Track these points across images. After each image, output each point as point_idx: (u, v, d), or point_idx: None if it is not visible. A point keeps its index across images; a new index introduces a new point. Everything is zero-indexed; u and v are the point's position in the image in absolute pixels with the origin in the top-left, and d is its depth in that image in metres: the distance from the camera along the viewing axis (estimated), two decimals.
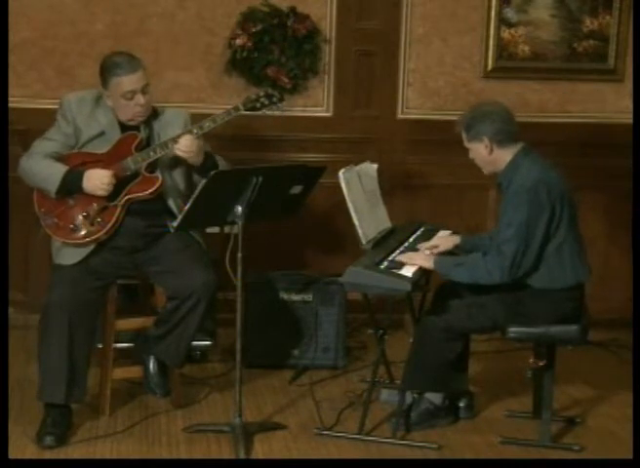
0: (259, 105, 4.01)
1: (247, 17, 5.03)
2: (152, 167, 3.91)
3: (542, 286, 3.78)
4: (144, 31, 5.00)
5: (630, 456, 3.47)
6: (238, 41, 5.01)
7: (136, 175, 3.88)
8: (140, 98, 3.85)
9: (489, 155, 3.81)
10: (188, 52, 5.04)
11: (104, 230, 3.84)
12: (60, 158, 3.87)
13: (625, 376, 4.36)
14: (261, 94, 4.03)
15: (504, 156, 3.81)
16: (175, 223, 3.74)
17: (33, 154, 3.89)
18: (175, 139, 3.85)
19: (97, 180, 3.80)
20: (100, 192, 3.82)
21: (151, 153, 3.87)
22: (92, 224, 3.84)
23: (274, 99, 4.02)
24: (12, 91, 4.58)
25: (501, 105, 3.89)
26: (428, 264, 3.83)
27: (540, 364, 3.85)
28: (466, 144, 3.87)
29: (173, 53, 5.02)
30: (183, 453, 3.73)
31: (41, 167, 3.83)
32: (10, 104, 4.31)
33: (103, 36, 4.99)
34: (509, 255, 3.68)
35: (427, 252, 3.99)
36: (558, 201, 3.73)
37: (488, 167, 3.88)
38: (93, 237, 3.84)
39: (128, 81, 3.83)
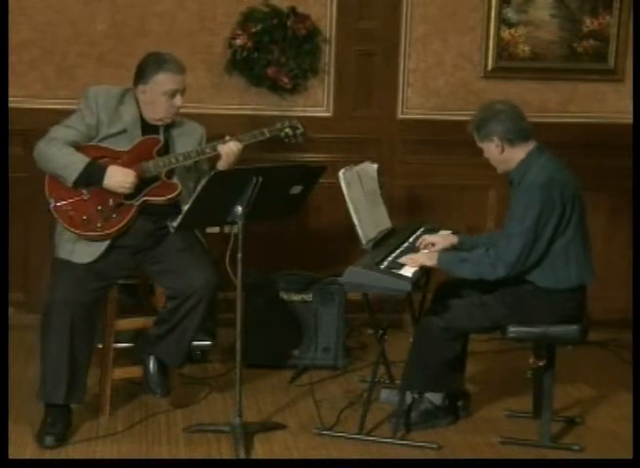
0: (282, 135, 4.12)
1: (247, 17, 5.04)
2: (170, 173, 3.93)
3: (546, 285, 3.77)
4: (145, 31, 5.00)
5: (630, 456, 3.47)
6: (238, 41, 5.01)
7: (154, 178, 3.89)
8: (179, 100, 3.90)
9: (500, 154, 3.81)
10: (188, 52, 5.03)
11: (117, 227, 3.84)
12: (78, 148, 3.85)
13: (625, 376, 4.36)
14: (286, 124, 4.11)
15: (517, 154, 3.80)
16: (175, 223, 3.74)
17: (54, 140, 3.85)
18: (199, 152, 3.92)
19: (120, 178, 3.80)
20: (122, 190, 3.82)
21: (173, 160, 3.89)
22: (106, 219, 3.83)
23: (297, 132, 4.13)
24: (12, 91, 4.57)
25: (511, 104, 3.87)
26: (432, 263, 3.82)
27: (540, 364, 3.85)
28: (478, 144, 3.86)
29: (173, 53, 5.00)
30: (183, 453, 3.73)
31: (62, 153, 3.80)
32: (10, 104, 4.30)
33: (103, 36, 4.99)
34: (516, 251, 3.68)
35: (427, 250, 4.00)
36: (569, 201, 3.73)
37: (501, 165, 3.87)
38: (105, 231, 3.82)
39: (175, 80, 3.89)
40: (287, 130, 4.11)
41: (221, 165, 3.94)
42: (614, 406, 4.31)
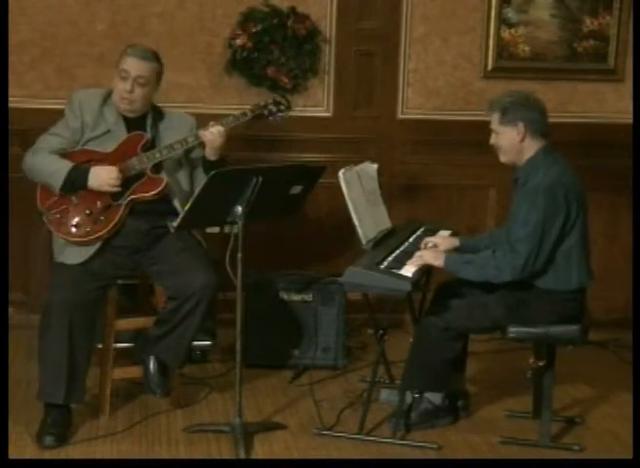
0: (266, 112, 4.08)
1: (247, 17, 5.04)
2: (157, 168, 3.92)
3: (546, 287, 3.77)
4: (145, 31, 5.00)
5: (630, 456, 3.47)
6: (238, 41, 5.02)
7: (141, 175, 3.89)
8: (128, 85, 3.87)
9: (520, 142, 3.78)
10: (188, 52, 5.04)
11: (107, 229, 3.84)
12: (64, 155, 3.87)
13: (625, 376, 4.36)
14: (270, 101, 4.09)
15: (530, 148, 3.78)
16: (175, 223, 3.74)
17: (39, 150, 3.88)
18: (182, 142, 3.90)
19: (104, 176, 3.81)
20: (107, 188, 3.82)
21: (157, 154, 3.88)
22: (95, 223, 3.84)
23: (282, 107, 4.09)
24: (12, 91, 4.57)
25: (538, 97, 3.87)
26: (438, 262, 3.82)
27: (540, 364, 3.85)
28: (496, 127, 3.81)
29: (173, 53, 5.01)
30: (183, 453, 3.73)
31: (47, 162, 3.83)
32: (10, 104, 4.30)
33: (103, 36, 4.99)
34: (523, 255, 3.67)
35: (430, 245, 4.00)
36: (574, 204, 3.72)
37: (511, 155, 3.83)
38: (95, 235, 3.84)
39: (130, 62, 3.89)
40: (270, 106, 4.07)
41: (208, 152, 3.93)
42: (614, 406, 4.31)
